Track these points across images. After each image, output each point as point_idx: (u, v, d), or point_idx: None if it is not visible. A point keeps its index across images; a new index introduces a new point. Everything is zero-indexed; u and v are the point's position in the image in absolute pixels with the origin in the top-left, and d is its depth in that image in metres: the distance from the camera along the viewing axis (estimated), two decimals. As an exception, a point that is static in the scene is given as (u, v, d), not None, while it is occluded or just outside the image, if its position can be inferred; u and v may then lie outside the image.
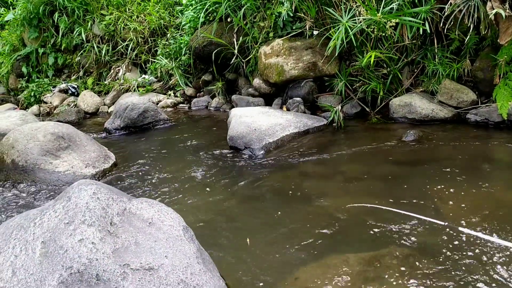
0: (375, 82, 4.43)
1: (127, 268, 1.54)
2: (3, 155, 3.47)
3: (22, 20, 8.05)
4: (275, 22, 5.12)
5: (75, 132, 3.75)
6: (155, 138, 4.80)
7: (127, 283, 1.50)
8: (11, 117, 5.35)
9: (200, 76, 6.61)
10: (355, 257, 2.02)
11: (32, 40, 8.16)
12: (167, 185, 3.22)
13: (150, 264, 1.59)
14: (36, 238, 1.63)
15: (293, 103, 4.75)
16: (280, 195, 2.88)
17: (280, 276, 1.95)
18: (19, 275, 1.53)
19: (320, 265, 2.00)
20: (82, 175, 3.40)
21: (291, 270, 1.99)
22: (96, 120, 6.43)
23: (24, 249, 1.61)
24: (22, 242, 1.64)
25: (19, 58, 8.38)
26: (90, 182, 1.86)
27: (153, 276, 1.56)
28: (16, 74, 8.51)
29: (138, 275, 1.54)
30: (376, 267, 1.93)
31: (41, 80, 8.00)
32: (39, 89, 7.74)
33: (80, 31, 7.61)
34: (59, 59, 8.11)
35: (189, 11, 6.35)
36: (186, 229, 1.84)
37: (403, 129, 3.98)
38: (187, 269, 1.64)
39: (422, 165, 3.13)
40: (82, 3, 7.62)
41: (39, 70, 8.38)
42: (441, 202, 2.51)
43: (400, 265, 1.92)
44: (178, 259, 1.66)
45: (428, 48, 4.33)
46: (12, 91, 8.55)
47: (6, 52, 8.48)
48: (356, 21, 4.27)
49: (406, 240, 2.13)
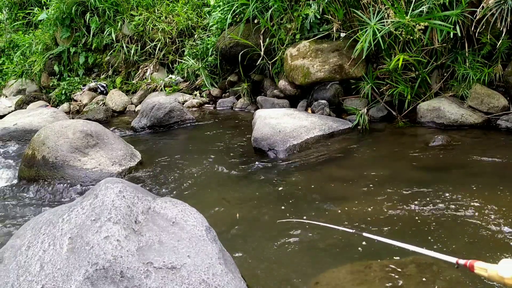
0: (403, 85, 4.36)
1: (150, 266, 1.57)
2: (35, 151, 3.57)
3: (55, 20, 8.27)
4: (302, 24, 5.11)
5: (103, 130, 3.83)
6: (180, 137, 4.86)
7: (150, 281, 1.53)
8: (42, 114, 5.52)
9: (226, 76, 6.65)
10: (378, 264, 2.00)
11: (64, 39, 8.37)
12: (190, 184, 3.26)
13: (173, 263, 1.61)
14: (64, 234, 1.68)
15: (318, 106, 4.73)
16: (303, 198, 2.87)
17: (300, 280, 1.95)
18: (47, 269, 1.57)
19: (341, 271, 1.98)
20: (109, 173, 3.47)
21: (311, 274, 1.98)
22: (124, 118, 6.55)
23: (52, 244, 1.65)
24: (51, 238, 1.68)
25: (51, 57, 8.61)
26: (117, 180, 1.90)
27: (176, 275, 1.58)
28: (48, 72, 8.75)
29: (161, 273, 1.57)
30: (398, 274, 1.90)
31: (72, 79, 8.20)
32: (69, 87, 7.94)
33: (110, 31, 7.77)
34: (90, 59, 8.29)
35: (217, 12, 6.40)
36: (208, 229, 1.85)
37: (430, 134, 3.91)
38: (209, 270, 1.65)
39: (450, 171, 3.07)
40: (113, 4, 7.78)
41: (70, 69, 8.59)
42: (467, 209, 2.45)
43: (420, 274, 1.89)
44: (200, 259, 1.68)
45: (459, 51, 4.24)
46: (44, 88, 8.79)
47: (39, 51, 8.73)
48: (384, 23, 4.21)
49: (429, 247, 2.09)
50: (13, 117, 5.66)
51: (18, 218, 2.86)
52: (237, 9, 5.81)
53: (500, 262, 1.21)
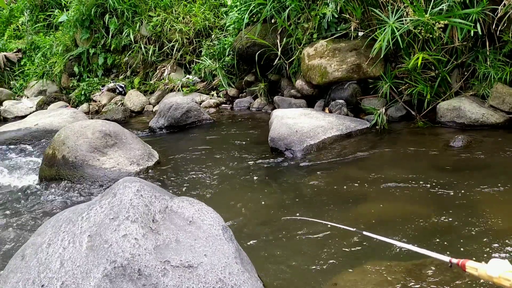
0: (422, 84, 4.30)
1: (167, 264, 1.58)
2: (55, 151, 3.63)
3: (75, 22, 8.40)
4: (319, 23, 5.08)
5: (122, 130, 3.88)
6: (197, 137, 4.88)
7: (167, 279, 1.54)
8: (63, 115, 5.62)
9: (243, 76, 6.66)
10: (397, 265, 1.97)
11: (83, 40, 8.50)
12: (207, 184, 3.27)
13: (190, 262, 1.62)
14: (83, 231, 1.70)
15: (335, 105, 4.69)
16: (319, 198, 2.85)
17: (317, 280, 1.94)
18: (67, 266, 1.59)
19: (359, 272, 1.97)
20: (127, 172, 3.51)
21: (329, 275, 1.97)
22: (141, 118, 6.61)
23: (72, 242, 1.68)
24: (70, 235, 1.71)
25: (71, 58, 8.74)
26: (134, 179, 1.92)
27: (192, 274, 1.59)
28: (68, 73, 8.89)
29: (178, 272, 1.57)
30: (418, 276, 1.87)
31: (91, 79, 8.32)
32: (89, 88, 8.06)
33: (128, 32, 7.86)
34: (108, 59, 8.40)
35: (234, 12, 6.41)
36: (225, 228, 1.86)
37: (450, 133, 3.85)
38: (226, 269, 1.66)
39: (471, 172, 3.01)
40: (132, 5, 7.86)
41: (90, 69, 8.71)
42: (489, 211, 2.40)
43: (441, 276, 1.86)
44: (217, 258, 1.68)
45: (480, 50, 4.16)
46: (64, 89, 8.94)
47: (60, 52, 8.88)
48: (403, 22, 4.16)
49: (449, 249, 2.06)
50: (34, 117, 5.77)
51: (39, 216, 2.92)
52: (254, 9, 5.81)
53: (489, 262, 1.24)
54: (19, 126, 5.23)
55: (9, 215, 2.96)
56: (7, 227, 2.76)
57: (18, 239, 2.59)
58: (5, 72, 10.09)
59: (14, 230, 2.71)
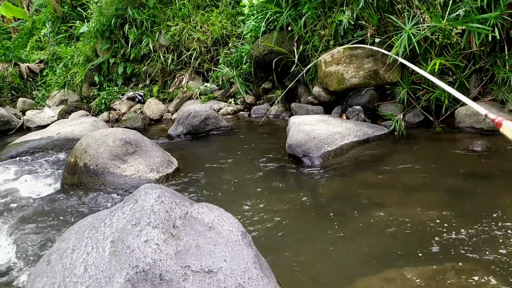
0: (440, 90, 4.27)
1: (188, 269, 1.61)
2: (77, 159, 3.72)
3: (95, 32, 8.61)
4: (335, 30, 5.10)
5: (141, 138, 3.95)
6: (215, 144, 4.94)
7: (188, 284, 1.57)
8: (83, 123, 5.74)
9: (260, 84, 6.71)
10: (416, 270, 1.97)
11: (104, 50, 8.69)
12: (226, 190, 3.31)
13: (210, 267, 1.65)
14: (106, 237, 1.75)
15: (353, 112, 4.70)
16: (338, 204, 2.86)
17: (337, 287, 1.95)
18: (90, 271, 1.64)
19: (378, 278, 1.97)
20: (147, 179, 3.57)
21: (348, 281, 1.97)
22: (160, 126, 6.71)
23: (95, 247, 1.73)
24: (94, 241, 1.76)
25: (92, 68, 8.95)
26: (155, 186, 1.97)
27: (212, 279, 1.62)
28: (89, 83, 9.09)
29: (198, 277, 1.61)
30: (438, 282, 1.86)
31: (111, 89, 8.49)
32: (109, 97, 8.23)
33: (147, 41, 8.01)
34: (128, 69, 8.57)
35: (251, 20, 6.48)
36: (244, 234, 1.88)
37: (469, 139, 3.81)
38: (245, 274, 1.68)
39: (491, 178, 2.98)
40: (150, 15, 8.02)
41: (110, 79, 8.89)
42: (509, 218, 2.38)
43: (461, 282, 1.85)
44: (236, 263, 1.71)
45: (498, 55, 4.12)
46: (85, 98, 9.14)
47: (81, 62, 9.09)
48: (420, 28, 4.15)
49: (470, 255, 2.04)
50: (56, 126, 5.90)
51: (63, 223, 2.99)
52: (271, 17, 5.87)
53: None
54: (42, 135, 5.36)
55: (34, 222, 3.04)
56: (33, 233, 2.85)
57: (43, 245, 2.66)
58: (27, 83, 10.38)
59: (39, 236, 2.79)
